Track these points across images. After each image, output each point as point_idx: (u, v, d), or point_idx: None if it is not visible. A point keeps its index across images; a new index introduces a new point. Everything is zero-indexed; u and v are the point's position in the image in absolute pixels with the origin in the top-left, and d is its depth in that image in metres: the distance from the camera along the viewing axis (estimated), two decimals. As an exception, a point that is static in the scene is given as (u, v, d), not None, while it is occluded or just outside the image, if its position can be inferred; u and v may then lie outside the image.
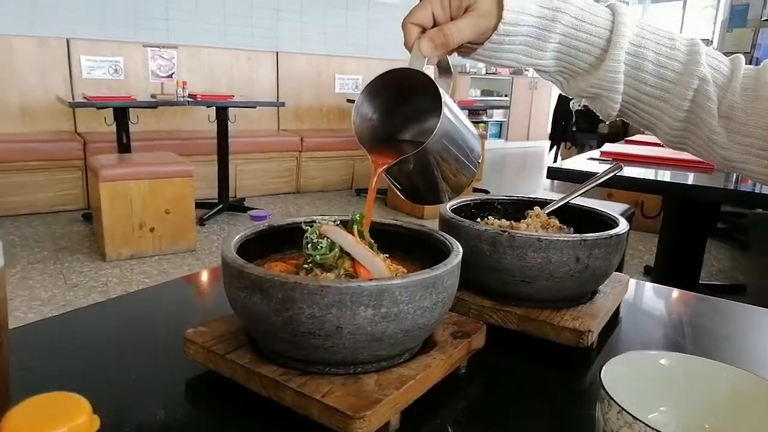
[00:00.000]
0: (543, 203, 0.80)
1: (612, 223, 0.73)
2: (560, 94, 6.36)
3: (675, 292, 0.89)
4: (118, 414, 0.51)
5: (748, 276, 3.56)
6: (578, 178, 1.72)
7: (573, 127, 6.35)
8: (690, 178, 1.87)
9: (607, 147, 2.29)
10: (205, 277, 0.94)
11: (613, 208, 2.74)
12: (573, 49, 0.58)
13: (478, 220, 0.79)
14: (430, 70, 0.57)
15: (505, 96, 8.74)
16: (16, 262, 3.16)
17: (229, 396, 0.54)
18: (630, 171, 1.81)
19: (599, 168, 1.87)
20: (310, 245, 0.54)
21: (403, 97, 0.59)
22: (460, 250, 0.56)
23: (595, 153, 2.17)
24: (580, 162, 2.02)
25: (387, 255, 0.58)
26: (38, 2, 4.35)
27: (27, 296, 2.74)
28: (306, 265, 0.55)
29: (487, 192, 5.03)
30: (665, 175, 1.93)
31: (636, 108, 0.61)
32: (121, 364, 0.61)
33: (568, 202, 0.79)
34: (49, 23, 4.41)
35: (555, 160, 6.71)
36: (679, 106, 0.59)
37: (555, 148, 6.71)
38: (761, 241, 4.17)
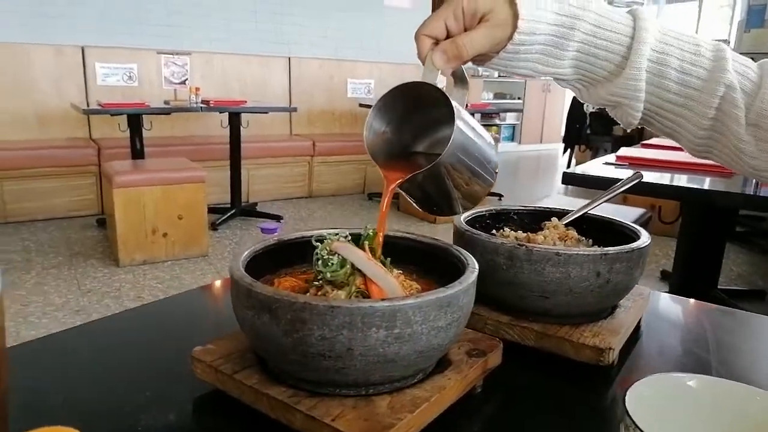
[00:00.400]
0: (561, 214, 0.78)
1: (633, 234, 0.70)
2: (574, 97, 6.31)
3: (697, 305, 0.86)
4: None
5: (767, 281, 3.49)
6: (595, 184, 1.69)
7: (587, 129, 6.29)
8: (708, 183, 1.83)
9: (623, 151, 2.25)
10: (215, 288, 0.93)
11: (629, 213, 2.68)
12: (592, 57, 0.56)
13: (494, 231, 0.77)
14: (444, 81, 0.55)
15: (518, 99, 8.69)
16: (31, 267, 3.18)
17: (237, 416, 0.53)
18: (647, 176, 1.77)
19: (615, 173, 1.84)
20: (320, 262, 0.53)
21: (416, 109, 0.57)
22: (476, 266, 0.54)
23: (611, 157, 2.14)
24: (596, 167, 1.99)
25: (401, 271, 0.56)
26: (53, 11, 4.40)
27: (41, 302, 2.75)
28: (316, 282, 0.54)
29: (500, 196, 4.99)
30: (683, 180, 1.89)
31: (658, 116, 0.59)
32: (129, 381, 0.60)
33: (586, 212, 0.77)
34: (64, 32, 4.45)
35: (569, 163, 6.65)
36: (704, 114, 0.57)
37: (569, 150, 6.65)
38: (781, 245, 4.09)
